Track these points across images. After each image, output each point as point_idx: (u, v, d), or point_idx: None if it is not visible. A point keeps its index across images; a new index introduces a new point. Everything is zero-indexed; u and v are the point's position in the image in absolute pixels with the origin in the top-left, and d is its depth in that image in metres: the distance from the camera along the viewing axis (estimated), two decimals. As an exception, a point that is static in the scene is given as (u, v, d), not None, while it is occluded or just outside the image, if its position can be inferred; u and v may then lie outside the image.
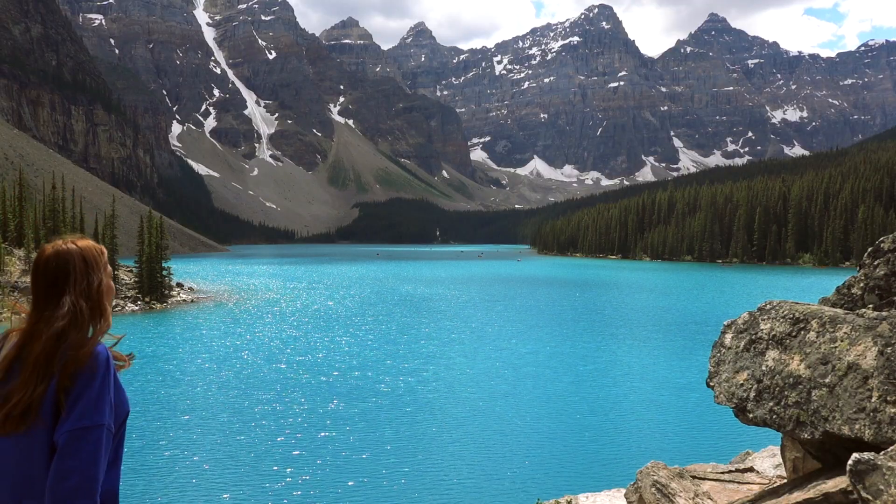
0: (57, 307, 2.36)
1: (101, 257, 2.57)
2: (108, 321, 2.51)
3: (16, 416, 2.23)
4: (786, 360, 4.36)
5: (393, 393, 22.80)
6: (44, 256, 2.46)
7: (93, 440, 2.23)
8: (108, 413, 2.28)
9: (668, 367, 27.70)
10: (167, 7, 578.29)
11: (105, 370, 2.33)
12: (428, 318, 44.41)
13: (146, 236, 53.26)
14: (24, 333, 2.37)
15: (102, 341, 2.45)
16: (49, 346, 2.30)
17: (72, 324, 2.36)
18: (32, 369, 2.27)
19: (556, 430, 18.64)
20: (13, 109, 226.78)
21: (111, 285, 2.60)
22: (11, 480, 2.27)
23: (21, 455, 2.26)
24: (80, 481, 2.19)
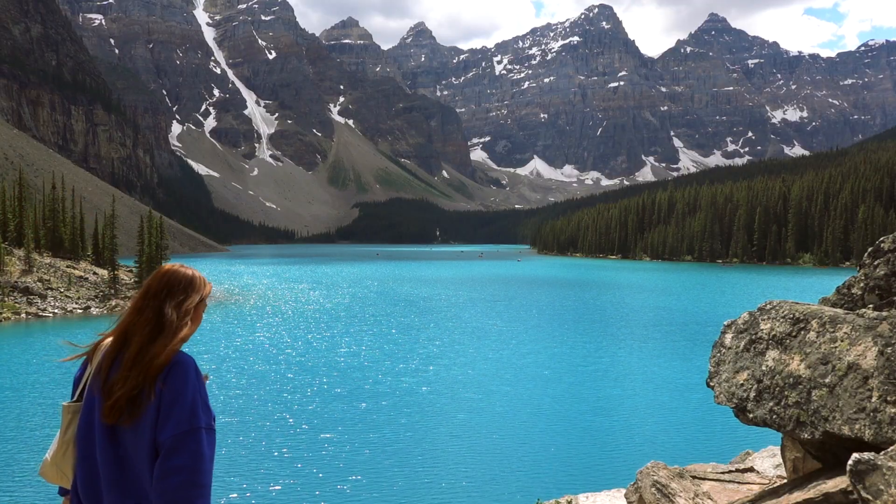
0: (156, 315, 2.63)
1: (204, 287, 2.81)
2: (187, 338, 2.69)
3: (121, 408, 2.46)
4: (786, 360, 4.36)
5: (393, 393, 22.80)
6: (160, 272, 2.78)
7: (196, 440, 2.44)
8: (204, 415, 2.50)
9: (668, 367, 27.69)
10: (167, 7, 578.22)
11: (196, 375, 2.56)
12: (428, 319, 44.41)
13: (146, 236, 53.27)
14: (121, 333, 2.65)
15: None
16: (142, 348, 2.54)
17: (162, 330, 2.59)
18: (130, 366, 2.52)
19: (556, 430, 18.64)
20: (13, 109, 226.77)
21: (201, 315, 2.80)
22: (116, 475, 2.50)
23: (126, 449, 2.50)
24: (188, 477, 2.39)
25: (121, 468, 2.51)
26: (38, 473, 2.76)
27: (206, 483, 2.43)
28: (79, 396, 2.70)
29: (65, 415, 2.68)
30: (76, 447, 2.62)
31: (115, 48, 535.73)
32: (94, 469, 2.55)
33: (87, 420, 2.60)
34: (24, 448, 16.77)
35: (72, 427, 2.66)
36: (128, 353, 2.56)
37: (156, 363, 2.52)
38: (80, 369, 2.79)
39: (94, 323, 42.12)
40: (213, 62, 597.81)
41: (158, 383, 2.49)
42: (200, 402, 2.51)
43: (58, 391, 23.20)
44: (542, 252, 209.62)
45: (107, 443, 2.52)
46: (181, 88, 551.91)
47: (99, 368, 2.63)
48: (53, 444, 2.70)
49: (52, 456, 2.68)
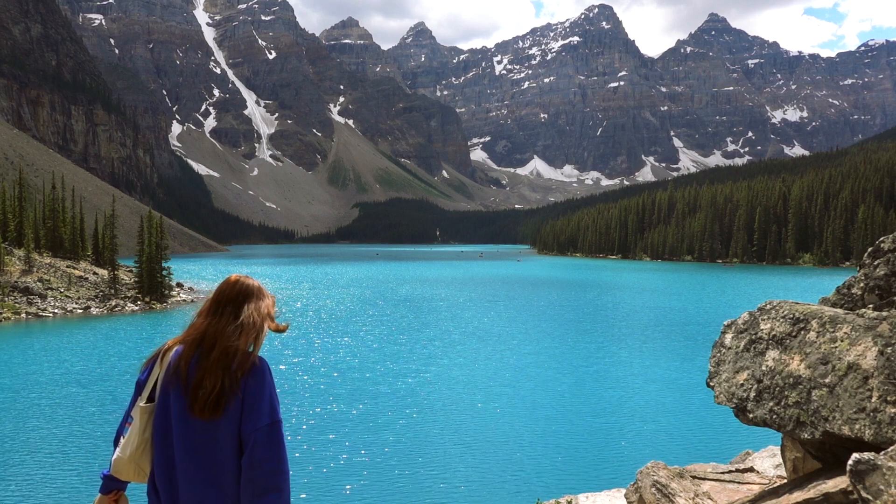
0: (234, 319, 2.86)
1: (270, 298, 3.09)
2: (262, 340, 2.94)
3: (211, 404, 2.69)
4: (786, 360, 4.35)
5: (393, 394, 22.80)
6: (231, 280, 3.06)
7: (277, 432, 2.74)
8: (279, 410, 2.80)
9: (668, 367, 27.69)
10: (167, 7, 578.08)
11: (270, 375, 2.82)
12: (428, 319, 44.42)
13: (146, 236, 53.24)
14: (199, 335, 2.83)
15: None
16: (227, 348, 2.77)
17: (242, 333, 2.83)
18: (215, 365, 2.72)
19: (557, 431, 18.64)
20: (13, 109, 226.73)
21: (265, 323, 3.02)
22: (206, 464, 2.72)
23: (214, 441, 2.72)
24: (274, 465, 2.68)
25: (202, 460, 2.72)
26: (112, 471, 2.93)
27: (287, 469, 2.72)
28: (149, 398, 2.88)
29: (142, 416, 2.86)
30: (154, 444, 2.83)
31: (115, 48, 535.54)
32: (171, 463, 2.77)
33: (162, 419, 2.81)
34: (23, 448, 16.77)
35: (149, 426, 2.85)
36: (213, 355, 2.74)
37: (244, 364, 2.76)
38: (144, 374, 2.94)
39: (94, 323, 42.12)
40: (213, 62, 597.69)
41: (242, 382, 2.73)
42: (276, 398, 2.79)
43: (57, 391, 23.19)
44: (542, 252, 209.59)
45: (187, 437, 2.73)
46: (181, 88, 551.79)
47: (176, 370, 2.80)
48: (129, 442, 2.87)
49: (131, 454, 2.84)
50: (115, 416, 19.99)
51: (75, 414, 20.22)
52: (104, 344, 33.80)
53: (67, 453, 16.46)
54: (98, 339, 35.22)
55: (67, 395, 22.57)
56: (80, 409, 20.75)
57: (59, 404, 21.38)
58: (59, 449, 16.78)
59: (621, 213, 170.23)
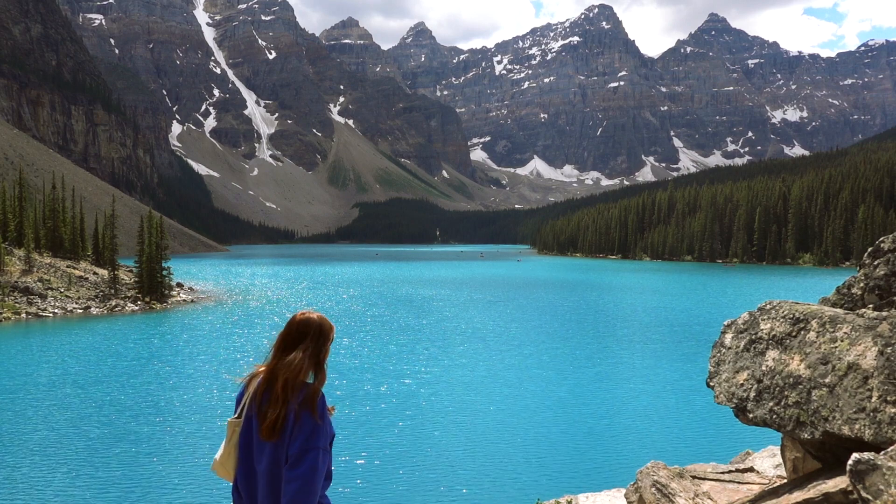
0: (299, 359, 3.31)
1: (331, 332, 3.48)
2: (325, 376, 3.42)
3: (268, 429, 3.20)
4: (786, 360, 4.35)
5: (393, 394, 22.79)
6: (296, 319, 3.43)
7: (312, 458, 3.16)
8: (323, 439, 3.24)
9: (667, 367, 27.68)
10: (167, 7, 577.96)
11: (323, 408, 3.29)
12: (429, 320, 44.40)
13: (146, 236, 53.23)
14: (269, 371, 3.33)
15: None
16: (286, 382, 3.24)
17: (298, 369, 3.29)
18: (277, 397, 3.22)
19: (557, 431, 18.63)
20: (13, 109, 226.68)
21: (328, 350, 3.49)
22: (268, 478, 3.25)
23: (275, 459, 3.24)
24: (302, 485, 3.12)
25: (271, 474, 3.24)
26: (210, 469, 3.48)
27: (317, 491, 3.15)
28: (239, 413, 3.40)
29: (230, 428, 3.39)
30: (238, 453, 3.36)
31: (115, 48, 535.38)
32: (251, 472, 3.32)
33: (246, 434, 3.34)
34: (23, 448, 16.76)
35: (234, 437, 3.37)
36: (276, 388, 3.24)
37: (299, 396, 3.26)
38: (240, 391, 3.47)
39: (94, 323, 42.11)
40: (213, 62, 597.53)
41: (295, 411, 3.22)
42: (322, 428, 3.23)
43: (57, 392, 23.18)
44: (542, 252, 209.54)
45: (262, 454, 3.27)
46: (181, 88, 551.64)
47: (254, 397, 3.35)
48: (221, 448, 3.43)
49: (220, 458, 3.41)
50: (114, 416, 19.98)
51: (75, 414, 20.21)
52: (104, 344, 33.78)
53: (67, 454, 16.45)
54: (98, 340, 35.21)
55: (67, 396, 22.55)
56: (79, 410, 20.73)
57: (58, 405, 21.37)
58: (59, 449, 16.77)
59: (621, 213, 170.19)
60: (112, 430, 18.46)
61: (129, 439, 17.54)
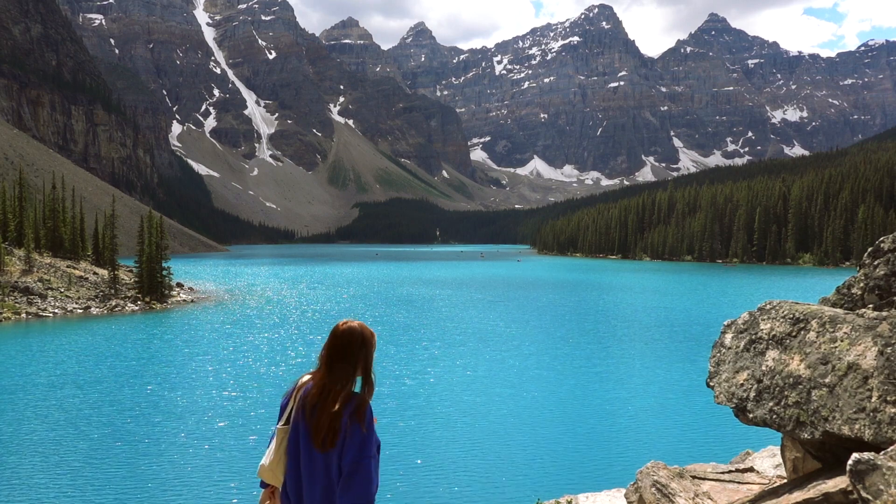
0: (348, 369, 3.48)
1: (373, 339, 3.61)
2: (373, 385, 3.56)
3: (321, 440, 3.37)
4: (786, 360, 4.35)
5: (393, 395, 22.79)
6: (340, 330, 3.56)
7: (366, 467, 3.37)
8: (373, 447, 3.43)
9: (667, 367, 27.68)
10: (167, 7, 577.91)
11: (370, 418, 3.45)
12: (429, 320, 44.41)
13: (146, 236, 53.23)
14: (321, 383, 3.48)
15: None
16: (339, 395, 3.41)
17: (350, 381, 3.48)
18: (329, 408, 3.38)
19: (557, 431, 18.64)
20: (13, 109, 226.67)
21: (372, 359, 3.61)
22: (322, 485, 3.42)
23: (327, 468, 3.41)
24: (360, 493, 3.34)
25: (318, 481, 3.41)
26: (257, 475, 3.64)
27: (373, 498, 3.39)
28: (286, 420, 3.56)
29: (278, 435, 3.56)
30: (286, 459, 3.55)
31: (115, 48, 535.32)
32: (299, 477, 3.49)
33: (293, 441, 3.50)
34: (23, 448, 16.76)
35: (283, 444, 3.55)
36: (330, 399, 3.41)
37: (349, 407, 3.42)
38: (285, 398, 3.64)
39: (94, 323, 42.11)
40: (213, 62, 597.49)
41: (345, 422, 3.39)
42: (370, 437, 3.41)
43: (56, 392, 23.18)
44: (542, 252, 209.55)
45: (308, 463, 3.44)
46: (181, 88, 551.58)
47: (302, 405, 3.49)
48: (269, 453, 3.60)
49: (270, 464, 3.57)
50: (114, 416, 19.98)
51: (75, 415, 20.21)
52: (104, 344, 33.78)
53: (66, 454, 16.45)
54: (98, 340, 35.21)
55: (67, 396, 22.55)
56: (79, 410, 20.73)
57: (58, 405, 21.37)
58: (59, 450, 16.77)
59: (621, 213, 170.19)
60: (112, 430, 18.47)
61: (129, 440, 17.54)
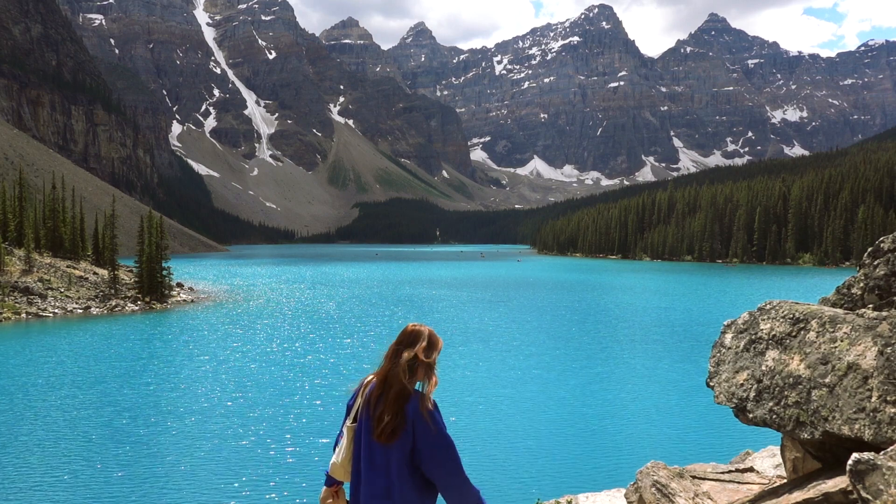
0: (410, 367, 3.59)
1: (438, 343, 3.72)
2: (435, 381, 3.66)
3: (386, 433, 3.46)
4: (786, 360, 4.35)
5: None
6: (407, 331, 3.72)
7: (453, 451, 3.53)
8: (445, 438, 3.54)
9: (667, 367, 27.68)
10: (167, 7, 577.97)
11: (438, 411, 3.62)
12: (429, 320, 44.39)
13: (146, 236, 53.23)
14: (382, 379, 3.61)
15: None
16: (399, 390, 3.52)
17: (408, 373, 3.57)
18: (393, 402, 3.49)
19: (557, 431, 18.63)
20: (13, 109, 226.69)
21: (435, 360, 3.71)
22: (383, 484, 3.53)
23: (388, 463, 3.51)
24: (452, 481, 3.52)
25: (378, 474, 3.53)
26: (329, 472, 3.81)
27: (462, 476, 3.52)
28: (354, 418, 3.71)
29: (348, 433, 3.71)
30: (353, 457, 3.69)
31: (115, 48, 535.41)
32: (358, 468, 3.62)
33: (359, 436, 3.65)
34: (23, 448, 16.76)
35: (352, 441, 3.70)
36: (390, 395, 3.51)
37: (411, 402, 3.53)
38: (352, 398, 3.79)
39: (94, 323, 42.11)
40: (213, 62, 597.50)
41: (410, 417, 3.49)
42: (439, 429, 3.52)
43: (56, 392, 23.18)
44: (542, 252, 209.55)
45: (369, 456, 3.57)
46: (181, 88, 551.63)
47: (367, 401, 3.63)
48: (339, 451, 3.76)
49: (341, 461, 3.74)
50: (114, 417, 19.98)
51: (74, 415, 20.20)
52: (104, 345, 33.78)
53: (66, 455, 16.45)
54: (98, 340, 35.21)
55: (66, 396, 22.55)
56: (78, 411, 20.73)
57: (58, 405, 21.36)
58: (58, 450, 16.77)
59: (621, 213, 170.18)
60: (111, 430, 18.46)
61: (129, 440, 17.54)
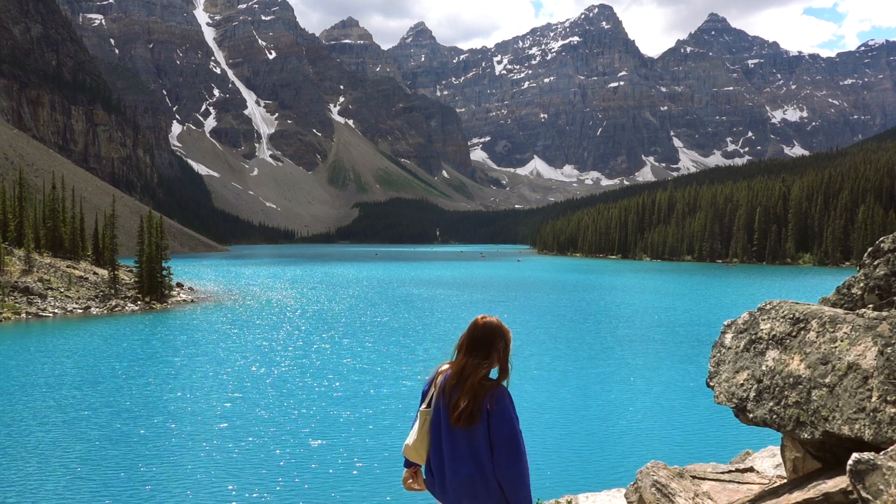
0: (485, 356, 3.85)
1: (509, 334, 4.00)
2: (508, 372, 3.95)
3: (465, 419, 3.71)
4: (786, 360, 4.36)
5: (394, 397, 22.79)
6: (479, 323, 3.95)
7: (520, 438, 3.78)
8: (514, 426, 3.80)
9: (668, 367, 27.68)
10: (167, 7, 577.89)
11: (510, 400, 3.86)
12: (429, 320, 44.41)
13: (146, 236, 53.23)
14: (458, 368, 3.85)
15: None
16: (476, 380, 3.76)
17: (486, 368, 3.83)
18: (468, 392, 3.74)
19: (557, 431, 18.63)
20: (13, 109, 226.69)
21: (509, 351, 4.01)
22: (468, 471, 3.75)
23: (470, 444, 3.75)
24: (514, 469, 3.77)
25: (461, 457, 3.76)
26: (403, 453, 3.99)
27: (527, 466, 3.82)
28: (428, 404, 3.94)
29: (421, 417, 3.92)
30: (430, 439, 3.91)
31: (115, 48, 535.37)
32: (441, 456, 3.83)
33: (436, 422, 3.87)
34: (22, 449, 16.76)
35: (425, 425, 3.91)
36: (467, 384, 3.76)
37: (487, 391, 3.79)
38: (427, 385, 4.03)
39: (94, 323, 42.11)
40: (213, 62, 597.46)
41: (487, 404, 3.75)
42: (510, 418, 3.78)
43: (56, 392, 23.17)
44: (542, 252, 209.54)
45: (451, 441, 3.79)
46: (181, 88, 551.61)
47: (443, 390, 3.87)
48: (412, 434, 3.95)
49: (413, 443, 3.92)
50: (113, 417, 19.98)
51: (74, 415, 20.20)
52: (104, 345, 33.78)
53: (66, 455, 16.45)
54: (98, 340, 35.21)
55: (66, 397, 22.55)
56: (78, 411, 20.73)
57: (57, 406, 21.36)
58: (58, 451, 16.77)
59: (621, 213, 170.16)
60: (111, 431, 18.46)
61: (128, 441, 17.54)
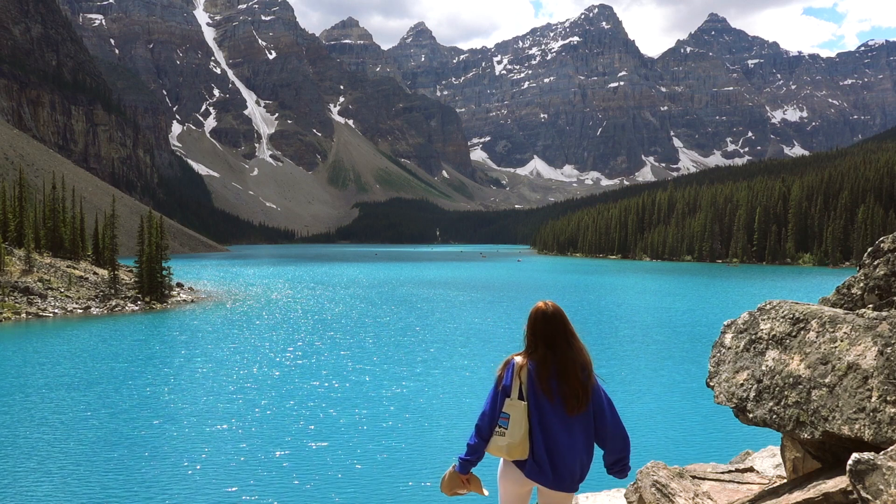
0: (572, 344, 4.08)
1: (564, 313, 4.22)
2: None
3: (582, 404, 3.95)
4: (786, 360, 4.37)
5: (394, 397, 22.78)
6: (549, 314, 4.15)
7: (620, 420, 4.06)
8: (607, 398, 4.08)
9: (667, 367, 27.68)
10: (167, 7, 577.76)
11: (599, 386, 4.10)
12: (429, 321, 44.39)
13: (146, 236, 53.23)
14: (552, 358, 4.04)
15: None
16: (579, 370, 3.99)
17: (579, 351, 4.06)
18: (580, 378, 3.98)
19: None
20: (13, 109, 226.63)
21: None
22: (582, 443, 3.98)
23: (583, 428, 3.99)
24: (622, 443, 4.04)
25: (572, 441, 3.96)
26: (506, 454, 4.05)
27: (627, 436, 4.07)
28: (519, 396, 4.05)
29: (517, 409, 4.02)
30: (532, 431, 4.01)
31: (115, 48, 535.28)
32: (552, 443, 3.99)
33: (538, 415, 4.02)
34: (22, 449, 16.75)
35: (525, 418, 4.01)
36: (572, 375, 3.99)
37: (592, 377, 4.04)
38: (507, 380, 4.12)
39: (94, 323, 42.10)
40: (213, 62, 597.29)
41: (590, 392, 3.99)
42: (602, 391, 4.06)
43: (56, 392, 23.17)
44: (542, 252, 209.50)
45: (566, 426, 3.98)
46: (181, 88, 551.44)
47: (540, 383, 4.01)
48: (515, 431, 4.01)
49: (521, 438, 4.00)
50: (113, 417, 19.96)
51: (73, 416, 20.19)
52: (104, 345, 33.77)
53: (65, 455, 16.44)
54: (98, 340, 35.20)
55: (66, 397, 22.54)
56: (78, 411, 20.72)
57: (57, 406, 21.36)
58: (57, 451, 16.76)
59: (621, 213, 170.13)
60: (110, 431, 18.46)
61: (127, 441, 17.53)
